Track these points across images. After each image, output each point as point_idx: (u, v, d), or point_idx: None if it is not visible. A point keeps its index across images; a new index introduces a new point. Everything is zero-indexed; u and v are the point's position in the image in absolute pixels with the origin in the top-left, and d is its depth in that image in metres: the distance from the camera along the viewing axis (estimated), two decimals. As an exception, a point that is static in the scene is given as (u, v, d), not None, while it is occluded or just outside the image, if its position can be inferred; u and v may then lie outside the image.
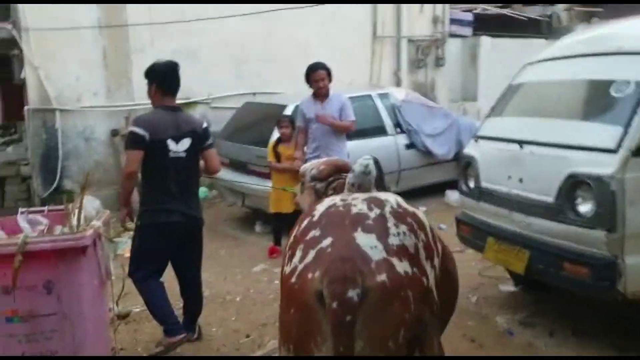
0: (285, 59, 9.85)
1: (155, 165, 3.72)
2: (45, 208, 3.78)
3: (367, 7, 10.94)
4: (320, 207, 2.22)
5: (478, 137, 4.80)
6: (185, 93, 9.37)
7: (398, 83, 11.08)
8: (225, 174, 7.44)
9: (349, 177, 2.63)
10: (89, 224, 3.30)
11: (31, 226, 3.49)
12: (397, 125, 7.95)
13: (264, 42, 9.82)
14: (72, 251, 3.07)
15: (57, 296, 3.06)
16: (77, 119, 8.85)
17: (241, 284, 5.62)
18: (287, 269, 2.11)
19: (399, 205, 2.19)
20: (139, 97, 9.07)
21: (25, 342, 3.02)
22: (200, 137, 3.84)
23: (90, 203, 3.54)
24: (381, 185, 2.78)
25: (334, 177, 2.87)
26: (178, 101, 9.28)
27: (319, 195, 2.78)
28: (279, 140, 6.14)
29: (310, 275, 1.97)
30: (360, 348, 1.89)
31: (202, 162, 4.08)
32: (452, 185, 7.96)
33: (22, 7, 8.40)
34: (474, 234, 4.66)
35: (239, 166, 7.20)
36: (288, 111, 6.80)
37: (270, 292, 5.26)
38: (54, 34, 8.40)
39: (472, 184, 4.69)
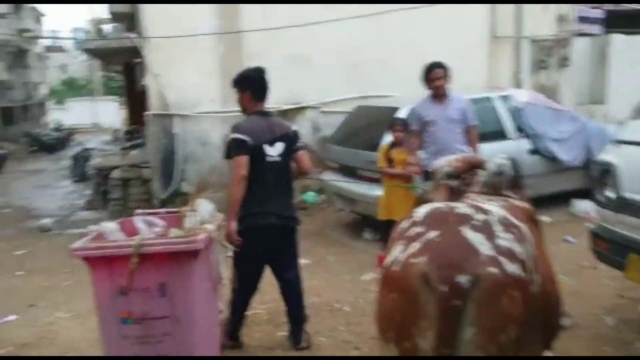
0: (398, 62, 9.60)
1: (254, 170, 3.79)
2: (162, 210, 3.80)
3: (485, 7, 10.40)
4: (422, 210, 2.25)
5: (619, 142, 4.26)
6: (296, 98, 9.47)
7: (518, 85, 10.43)
8: (334, 179, 7.33)
9: (482, 176, 2.52)
10: (202, 227, 3.26)
11: (148, 228, 3.52)
12: (519, 129, 7.41)
13: (376, 44, 9.64)
14: (185, 254, 3.03)
15: (170, 299, 3.03)
16: (194, 124, 9.17)
17: (350, 292, 5.42)
18: (387, 261, 2.13)
19: (504, 217, 2.19)
20: (252, 102, 9.26)
21: (138, 344, 3.02)
22: (292, 140, 3.90)
23: (205, 206, 3.51)
24: (517, 187, 2.55)
25: (469, 173, 2.83)
26: (288, 106, 9.42)
27: (454, 193, 2.73)
28: (392, 145, 5.88)
29: (414, 261, 1.99)
30: (472, 335, 1.89)
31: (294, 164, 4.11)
32: (580, 194, 7.33)
33: (146, 17, 8.86)
34: (613, 249, 4.13)
35: (348, 171, 7.04)
36: (401, 114, 6.52)
37: (381, 303, 5.02)
38: (174, 43, 8.77)
39: (611, 194, 4.16)
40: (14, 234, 9.28)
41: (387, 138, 6.34)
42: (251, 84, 3.98)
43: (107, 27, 24.27)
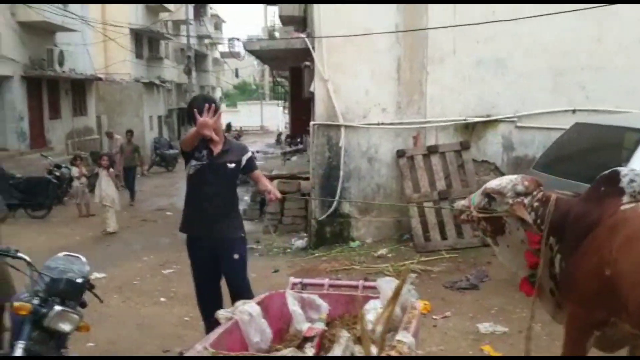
0: (620, 69, 7.67)
1: None
2: (326, 282, 2.53)
3: None
4: None
5: None
6: (487, 110, 7.86)
7: None
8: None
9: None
10: (394, 335, 1.92)
11: (304, 311, 2.28)
12: None
13: (592, 47, 7.71)
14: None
15: None
16: (362, 136, 7.97)
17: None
18: None
19: None
20: (431, 114, 7.85)
21: None
22: None
23: (387, 284, 2.16)
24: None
25: (537, 191, 3.07)
26: (476, 118, 7.87)
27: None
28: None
29: None
30: None
31: None
32: None
33: (317, 16, 7.85)
34: None
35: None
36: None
37: None
38: (347, 43, 7.70)
39: None
40: (169, 244, 8.83)
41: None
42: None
43: (279, 35, 24.42)
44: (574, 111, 7.60)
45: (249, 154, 4.30)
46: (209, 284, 4.18)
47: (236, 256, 4.04)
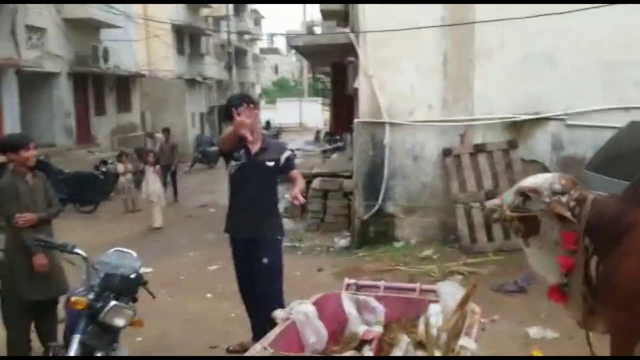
0: (676, 63, 7.29)
1: None
2: (381, 284, 2.49)
3: None
4: None
5: None
6: (534, 107, 7.65)
7: None
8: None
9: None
10: (455, 340, 1.86)
11: (360, 313, 2.24)
12: None
13: (647, 40, 7.39)
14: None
15: None
16: (407, 134, 7.86)
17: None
18: None
19: None
20: (479, 111, 7.68)
21: None
22: None
23: (448, 288, 2.11)
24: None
25: (574, 190, 2.94)
26: (525, 116, 7.66)
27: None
28: None
29: None
30: None
31: None
32: None
33: (362, 10, 7.78)
34: None
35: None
36: None
37: None
38: (392, 38, 7.56)
39: None
40: (213, 240, 8.91)
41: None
42: None
43: (319, 29, 24.40)
44: (627, 109, 7.32)
45: (288, 153, 4.30)
46: (250, 283, 4.19)
47: (265, 260, 4.03)
